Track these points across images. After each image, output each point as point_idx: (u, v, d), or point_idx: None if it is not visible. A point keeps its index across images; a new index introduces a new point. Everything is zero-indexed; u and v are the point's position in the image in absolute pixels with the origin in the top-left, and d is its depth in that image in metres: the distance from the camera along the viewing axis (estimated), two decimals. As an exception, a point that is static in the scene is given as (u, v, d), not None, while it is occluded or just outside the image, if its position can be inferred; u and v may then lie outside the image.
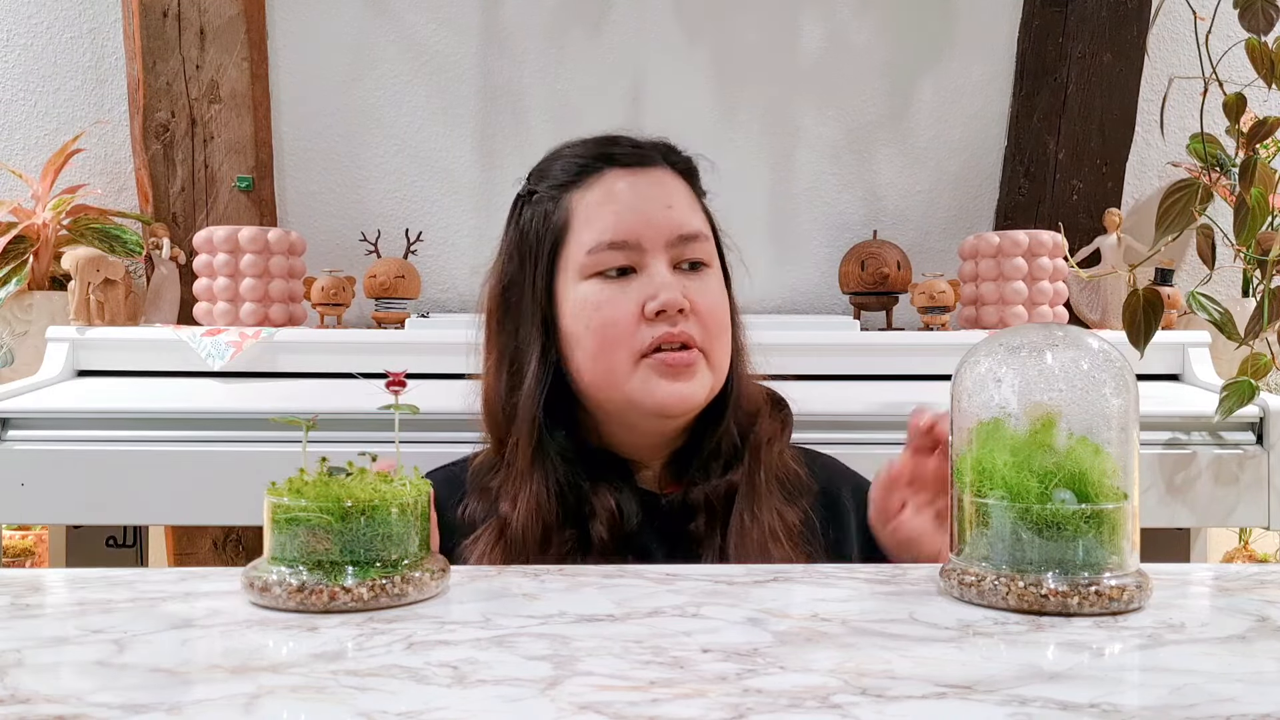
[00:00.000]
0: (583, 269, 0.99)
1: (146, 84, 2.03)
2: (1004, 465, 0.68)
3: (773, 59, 2.16)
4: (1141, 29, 2.10)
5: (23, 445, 1.57)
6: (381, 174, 2.14)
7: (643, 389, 0.97)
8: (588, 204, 1.01)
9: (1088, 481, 0.67)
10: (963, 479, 0.70)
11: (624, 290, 0.98)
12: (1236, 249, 1.57)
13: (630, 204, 0.99)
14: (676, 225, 1.00)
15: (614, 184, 1.01)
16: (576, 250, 1.00)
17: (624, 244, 0.98)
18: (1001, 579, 0.66)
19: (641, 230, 0.98)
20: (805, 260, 2.17)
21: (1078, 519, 0.66)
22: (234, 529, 2.08)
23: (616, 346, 0.97)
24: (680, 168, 1.06)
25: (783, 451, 1.04)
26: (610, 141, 1.05)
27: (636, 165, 1.02)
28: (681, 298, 0.97)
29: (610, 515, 0.97)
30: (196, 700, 0.51)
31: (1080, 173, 2.13)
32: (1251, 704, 0.50)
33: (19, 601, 0.70)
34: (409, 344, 1.76)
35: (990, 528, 0.68)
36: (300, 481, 0.70)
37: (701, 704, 0.49)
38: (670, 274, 0.98)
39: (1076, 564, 0.66)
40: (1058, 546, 0.66)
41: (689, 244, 1.00)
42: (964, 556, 0.70)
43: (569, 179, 1.02)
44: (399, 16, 2.13)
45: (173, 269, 1.94)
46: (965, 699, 0.51)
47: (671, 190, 1.02)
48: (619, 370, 0.97)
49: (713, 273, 1.03)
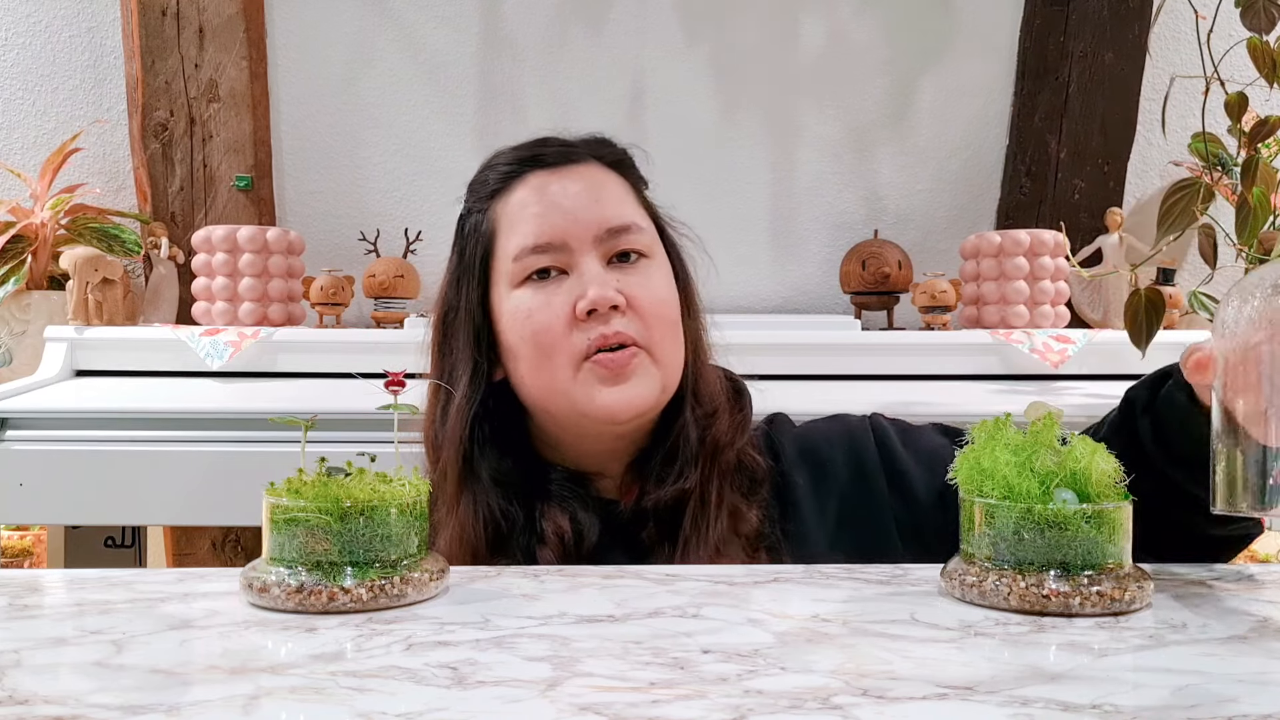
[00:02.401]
0: (512, 277, 0.95)
1: (145, 83, 2.03)
2: (1005, 465, 0.68)
3: (773, 58, 2.16)
4: (1143, 28, 2.10)
5: (21, 445, 1.57)
6: (381, 174, 2.14)
7: (585, 396, 0.93)
8: (511, 209, 0.97)
9: (1088, 481, 0.67)
10: (969, 484, 0.70)
11: (555, 293, 0.94)
12: (1238, 248, 1.56)
13: (554, 203, 0.96)
14: (604, 219, 0.95)
15: (536, 186, 0.97)
16: (504, 259, 0.96)
17: (549, 245, 0.94)
18: (1004, 579, 0.66)
19: (567, 228, 0.95)
20: (806, 260, 2.17)
21: (1079, 519, 0.66)
22: (233, 529, 2.08)
23: (553, 353, 0.93)
24: (610, 160, 1.01)
25: (742, 449, 0.99)
26: (537, 144, 1.01)
27: (560, 164, 0.99)
28: (614, 294, 0.92)
29: (559, 538, 0.93)
30: (195, 701, 0.51)
31: (1082, 172, 2.13)
32: (1253, 704, 0.50)
33: (17, 602, 0.70)
34: (408, 344, 1.73)
35: (993, 528, 0.68)
36: (299, 482, 0.70)
37: (702, 705, 0.49)
38: (602, 270, 0.94)
39: (1078, 564, 0.66)
40: (1059, 547, 0.66)
41: (620, 236, 0.95)
42: (965, 557, 0.70)
43: (496, 188, 1.00)
44: (398, 16, 2.13)
45: (171, 268, 1.94)
46: (966, 700, 0.50)
47: (598, 184, 0.98)
48: (559, 378, 0.93)
49: (654, 264, 0.98)
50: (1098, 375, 1.80)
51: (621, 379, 0.93)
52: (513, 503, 0.95)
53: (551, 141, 1.02)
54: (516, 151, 1.01)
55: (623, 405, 0.93)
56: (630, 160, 1.04)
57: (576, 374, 0.93)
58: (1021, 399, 1.68)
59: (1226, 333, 0.68)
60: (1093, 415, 1.63)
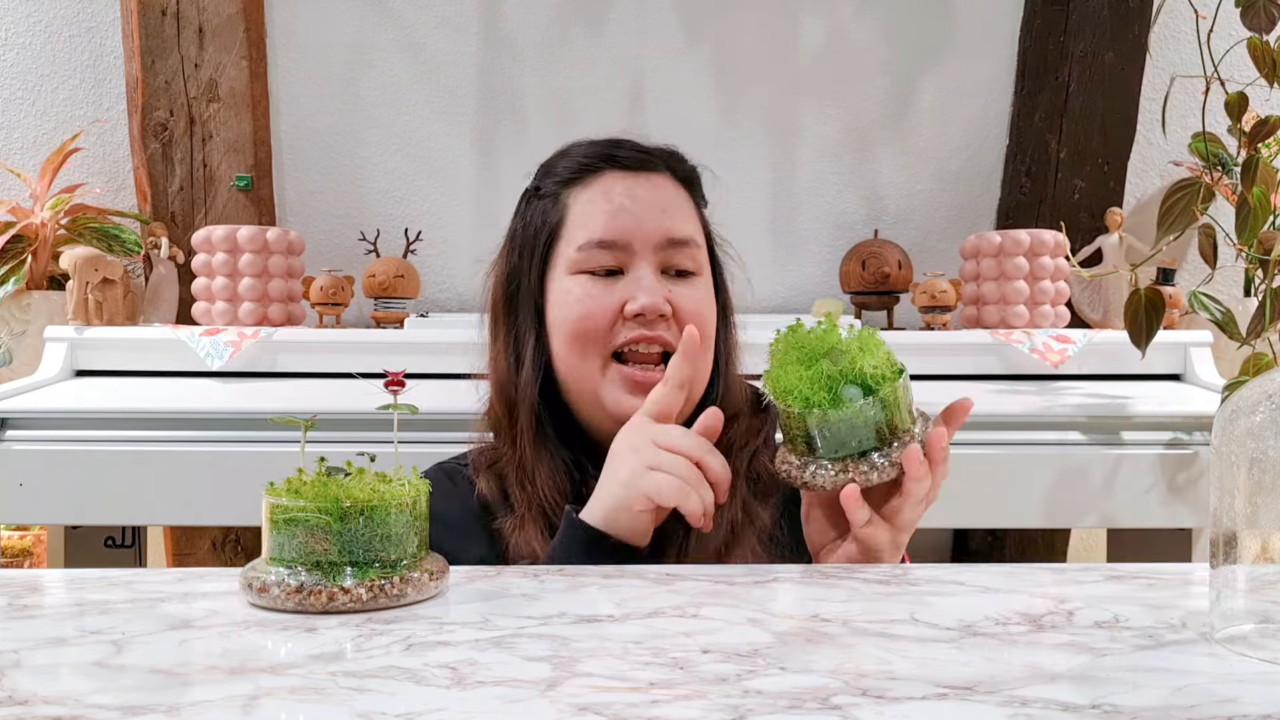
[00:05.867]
0: (572, 265, 1.01)
1: (145, 83, 2.03)
2: (799, 380, 0.81)
3: (773, 58, 2.16)
4: (1143, 28, 2.10)
5: (21, 445, 1.57)
6: (380, 174, 2.14)
7: (611, 397, 0.98)
8: (584, 202, 1.02)
9: (865, 376, 0.79)
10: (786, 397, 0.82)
11: (607, 289, 0.99)
12: (1238, 248, 1.57)
13: (624, 205, 1.01)
14: (667, 230, 1.00)
15: (611, 185, 1.02)
16: (568, 246, 1.01)
17: (613, 244, 1.00)
18: (821, 467, 0.81)
19: (632, 231, 1.00)
20: (806, 259, 2.17)
21: (866, 411, 0.80)
22: (233, 529, 2.08)
23: (590, 341, 0.98)
24: (681, 176, 1.07)
25: (757, 451, 1.02)
26: (615, 144, 1.06)
27: (636, 169, 1.03)
28: (663, 302, 0.98)
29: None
30: (194, 701, 0.51)
31: (1082, 172, 2.13)
32: (1253, 704, 0.50)
33: (17, 602, 0.70)
34: (408, 344, 1.76)
35: (803, 430, 0.82)
36: (299, 482, 0.70)
37: (701, 705, 0.49)
38: (655, 279, 0.99)
39: (874, 442, 0.81)
40: (856, 433, 0.80)
41: (678, 250, 1.01)
42: (788, 450, 0.84)
43: (570, 176, 1.04)
44: (398, 16, 2.13)
45: (171, 268, 1.94)
46: (966, 700, 0.50)
47: (668, 196, 1.03)
48: (589, 366, 0.99)
49: (701, 280, 1.03)
50: (1098, 375, 1.80)
51: (648, 390, 0.96)
52: (580, 460, 1.01)
53: (627, 144, 1.06)
54: (594, 146, 1.06)
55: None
56: (698, 178, 1.09)
57: (605, 370, 0.99)
58: (1022, 399, 1.69)
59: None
60: (1093, 415, 1.65)
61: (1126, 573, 0.77)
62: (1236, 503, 0.61)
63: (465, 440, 1.09)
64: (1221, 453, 0.62)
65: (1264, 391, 0.61)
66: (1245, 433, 0.61)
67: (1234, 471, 0.61)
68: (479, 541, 0.98)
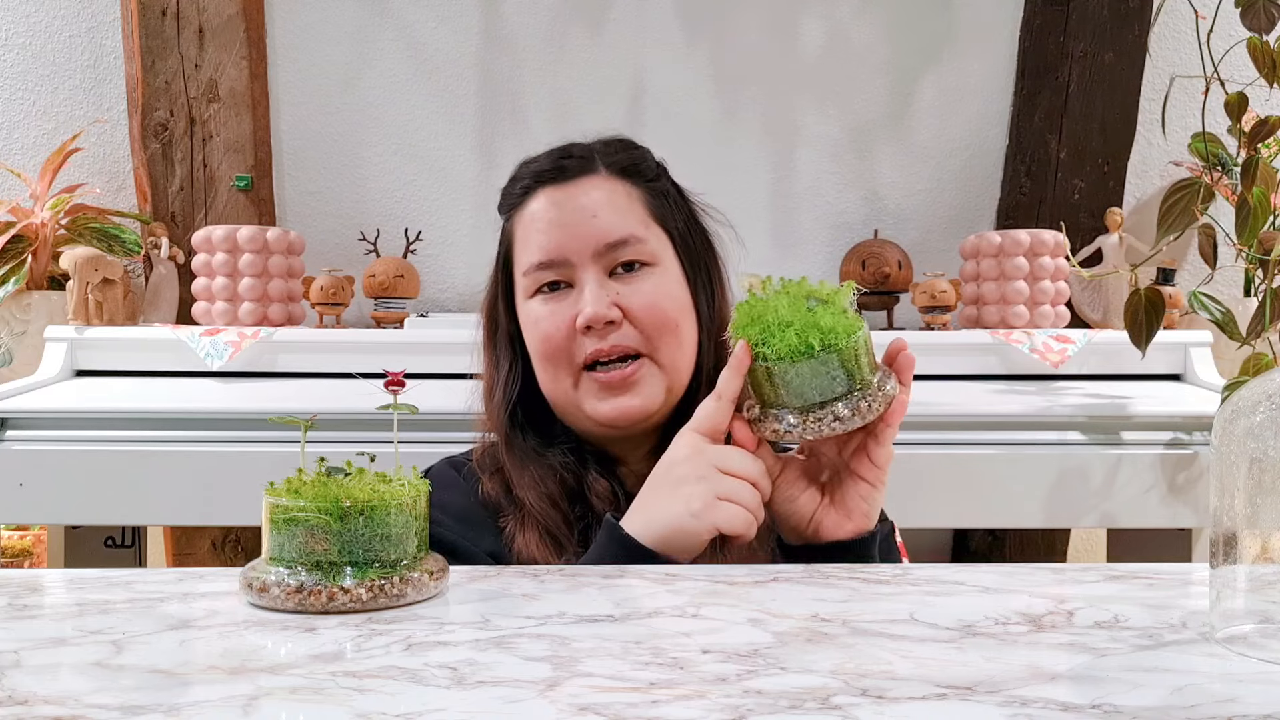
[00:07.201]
0: (526, 290, 1.02)
1: (145, 83, 2.03)
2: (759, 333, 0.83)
3: (773, 58, 2.16)
4: (1143, 28, 2.10)
5: (21, 445, 1.57)
6: (381, 173, 2.14)
7: (589, 406, 0.99)
8: (522, 226, 1.03)
9: (824, 332, 0.81)
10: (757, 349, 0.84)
11: (561, 305, 1.00)
12: (1238, 248, 1.57)
13: (554, 220, 1.00)
14: (601, 234, 0.99)
15: (541, 203, 1.02)
16: (518, 272, 1.03)
17: (551, 262, 1.00)
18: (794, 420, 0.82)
19: (566, 244, 0.99)
20: (806, 259, 2.17)
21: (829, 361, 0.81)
22: (232, 529, 2.08)
23: (558, 361, 0.99)
24: (619, 168, 1.04)
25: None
26: (554, 155, 1.05)
27: (564, 180, 1.02)
28: (607, 309, 0.97)
29: (607, 493, 0.99)
30: (194, 701, 0.51)
31: (1082, 172, 2.13)
32: (1253, 704, 0.50)
33: (17, 602, 0.70)
34: (408, 344, 1.76)
35: (774, 390, 0.83)
36: (298, 482, 0.70)
37: (701, 705, 0.49)
38: (600, 286, 0.98)
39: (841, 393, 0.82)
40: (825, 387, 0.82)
41: (619, 249, 0.99)
42: (764, 409, 0.85)
43: (514, 201, 1.05)
44: (399, 15, 2.13)
45: (171, 268, 1.94)
46: (966, 700, 0.50)
47: (598, 199, 1.01)
48: (564, 384, 1.00)
49: (657, 270, 1.01)
50: (1098, 375, 1.80)
51: (623, 390, 0.98)
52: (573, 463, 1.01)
53: (570, 150, 1.06)
54: (529, 166, 1.06)
55: (621, 415, 0.98)
56: (642, 161, 1.06)
57: (578, 384, 0.99)
58: (1022, 399, 1.69)
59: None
60: (1093, 415, 1.65)
61: (1126, 573, 0.77)
62: (1236, 503, 0.61)
63: (465, 440, 1.09)
64: (1221, 453, 0.62)
65: (1264, 391, 0.61)
66: (1245, 433, 0.61)
67: (1234, 471, 0.61)
68: (490, 534, 0.98)
